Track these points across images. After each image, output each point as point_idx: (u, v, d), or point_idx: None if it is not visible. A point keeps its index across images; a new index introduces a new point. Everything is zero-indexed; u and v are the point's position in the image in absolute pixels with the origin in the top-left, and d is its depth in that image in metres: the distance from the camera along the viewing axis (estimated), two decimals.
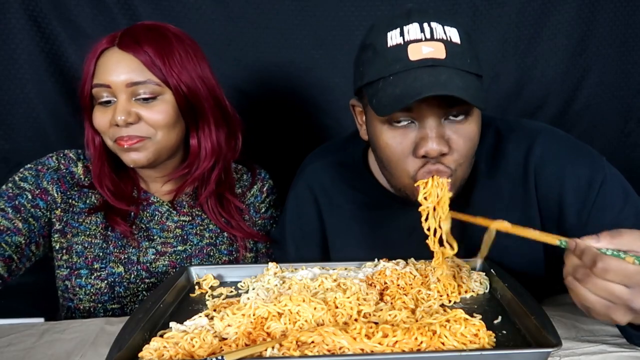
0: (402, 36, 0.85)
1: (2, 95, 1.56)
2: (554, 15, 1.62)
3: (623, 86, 1.68)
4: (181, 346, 0.72)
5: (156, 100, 1.07)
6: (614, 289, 0.63)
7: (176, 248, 1.18)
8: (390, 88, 0.85)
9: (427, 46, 0.84)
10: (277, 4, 1.59)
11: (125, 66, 1.05)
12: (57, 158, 1.16)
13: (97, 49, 1.08)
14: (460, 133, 0.89)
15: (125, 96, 1.05)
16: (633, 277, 0.63)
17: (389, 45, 0.86)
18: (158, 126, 1.07)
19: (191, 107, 1.11)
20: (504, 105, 1.66)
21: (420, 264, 0.99)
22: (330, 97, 1.65)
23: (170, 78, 1.07)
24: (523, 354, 0.68)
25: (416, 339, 0.70)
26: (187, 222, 1.20)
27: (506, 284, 0.88)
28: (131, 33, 1.08)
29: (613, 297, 0.64)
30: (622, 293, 0.63)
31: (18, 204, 1.08)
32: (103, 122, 1.08)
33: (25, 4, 1.52)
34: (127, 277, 1.13)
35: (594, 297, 0.65)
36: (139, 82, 1.05)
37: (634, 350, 0.79)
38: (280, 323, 0.77)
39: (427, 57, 0.83)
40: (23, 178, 1.12)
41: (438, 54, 0.84)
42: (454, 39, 0.86)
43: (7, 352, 0.86)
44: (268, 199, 1.32)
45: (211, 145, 1.15)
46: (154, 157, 1.09)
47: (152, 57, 1.05)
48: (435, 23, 0.86)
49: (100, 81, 1.06)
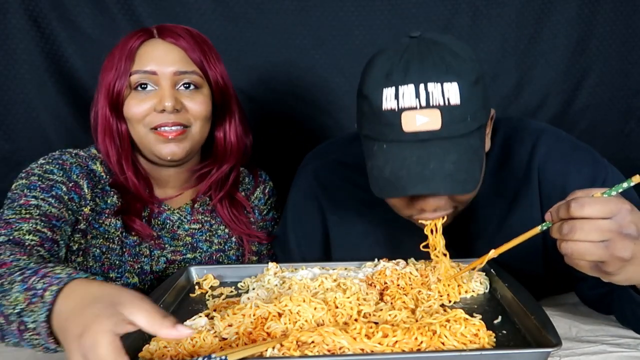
0: (397, 100, 0.82)
1: (2, 95, 1.56)
2: (554, 15, 1.62)
3: (623, 86, 1.68)
4: (181, 346, 0.72)
5: (198, 92, 1.10)
6: (600, 224, 0.64)
7: (185, 256, 1.18)
8: (380, 163, 0.86)
9: (422, 115, 0.81)
10: (277, 4, 1.59)
11: (173, 55, 1.07)
12: (71, 155, 1.10)
13: (130, 42, 1.07)
14: (459, 197, 0.91)
15: (169, 84, 1.06)
16: (609, 206, 0.64)
17: (384, 108, 0.84)
18: (198, 116, 1.09)
19: (222, 102, 1.15)
20: (504, 105, 1.66)
21: (420, 264, 0.99)
22: (330, 97, 1.65)
23: (211, 71, 1.11)
24: (523, 354, 0.68)
25: (416, 339, 0.70)
26: (196, 229, 1.20)
27: (506, 284, 0.88)
28: (168, 29, 1.10)
29: (605, 233, 0.64)
30: (609, 225, 0.64)
31: (56, 194, 1.01)
32: (141, 109, 1.06)
33: (25, 4, 1.52)
34: (142, 287, 1.12)
35: (589, 245, 0.65)
36: (185, 71, 1.08)
37: (634, 350, 0.79)
38: (281, 323, 0.77)
39: (421, 130, 0.82)
40: (48, 171, 1.04)
41: (433, 125, 0.82)
42: (453, 100, 0.82)
43: (7, 352, 0.86)
44: (270, 201, 1.32)
45: (236, 140, 1.18)
46: (190, 150, 1.11)
47: (198, 53, 1.09)
48: (433, 84, 0.82)
49: (145, 68, 1.06)
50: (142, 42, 1.08)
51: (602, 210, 0.64)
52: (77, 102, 1.60)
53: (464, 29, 1.63)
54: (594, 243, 0.65)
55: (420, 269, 0.97)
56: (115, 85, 1.06)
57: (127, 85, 1.06)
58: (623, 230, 0.64)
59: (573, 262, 0.69)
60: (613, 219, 0.64)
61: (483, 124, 0.88)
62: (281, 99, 1.66)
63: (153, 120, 1.06)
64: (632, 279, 0.70)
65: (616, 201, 0.66)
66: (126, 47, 1.07)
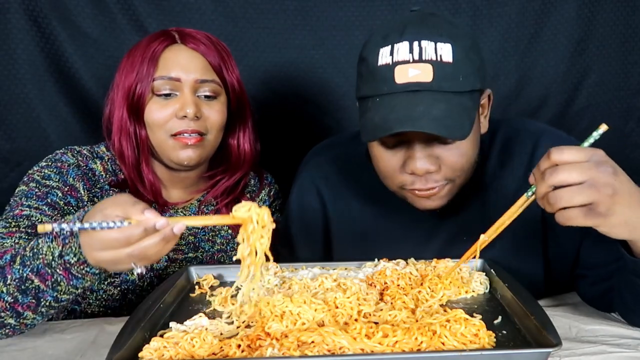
0: (392, 55, 0.86)
1: (2, 95, 1.56)
2: (554, 15, 1.62)
3: (623, 86, 1.68)
4: (181, 346, 0.72)
5: (216, 100, 1.11)
6: (580, 165, 0.68)
7: (187, 255, 1.18)
8: (372, 113, 0.88)
9: (414, 68, 0.84)
10: (277, 4, 1.59)
11: (196, 64, 1.08)
12: (73, 154, 1.11)
13: (153, 46, 1.07)
14: (451, 152, 0.91)
15: (190, 91, 1.07)
16: (584, 151, 0.69)
17: (379, 64, 0.87)
18: (215, 125, 1.11)
19: (238, 108, 1.16)
20: (504, 105, 1.66)
21: (420, 264, 0.99)
22: (330, 97, 1.65)
23: (228, 78, 1.12)
24: (523, 354, 0.68)
25: (416, 339, 0.70)
26: (199, 229, 1.20)
27: (506, 284, 0.88)
28: (190, 34, 1.11)
29: (585, 172, 0.67)
30: (588, 165, 0.68)
31: (51, 201, 1.03)
32: (163, 115, 1.07)
33: (25, 4, 1.52)
34: (141, 284, 1.13)
35: (575, 189, 0.68)
36: (206, 80, 1.09)
37: (634, 350, 0.79)
38: (282, 324, 0.77)
39: (412, 82, 0.84)
40: (46, 176, 1.06)
41: (424, 77, 0.84)
42: (446, 57, 0.85)
43: (7, 352, 0.86)
44: (274, 203, 1.33)
45: (250, 149, 1.20)
46: (204, 157, 1.12)
47: (217, 60, 1.10)
48: (427, 41, 0.85)
49: (170, 74, 1.06)
50: (166, 46, 1.08)
51: (579, 155, 0.69)
52: (77, 102, 1.60)
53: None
54: (579, 186, 0.67)
55: (420, 269, 0.97)
56: (137, 89, 1.07)
57: (149, 90, 1.07)
58: (601, 167, 0.68)
59: (565, 216, 0.70)
60: (590, 160, 0.68)
61: (476, 90, 0.90)
62: (281, 99, 1.66)
63: (174, 126, 1.07)
64: (628, 222, 0.71)
65: (590, 148, 0.70)
66: (149, 50, 1.07)
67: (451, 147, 0.90)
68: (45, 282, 0.81)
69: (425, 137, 0.88)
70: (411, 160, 0.90)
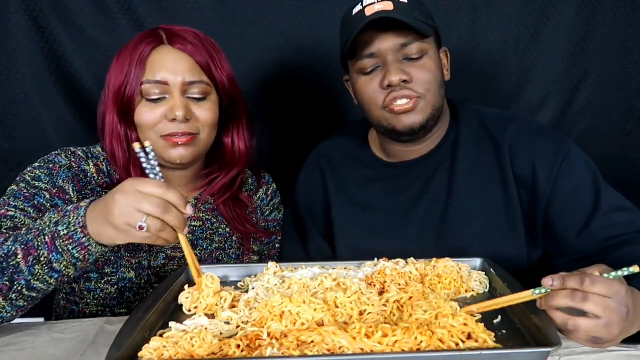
0: (362, 3, 1.09)
1: (2, 95, 1.56)
2: (554, 15, 1.62)
3: (623, 86, 1.68)
4: (181, 346, 0.72)
5: (206, 100, 1.11)
6: (606, 302, 0.71)
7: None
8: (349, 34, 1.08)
9: (379, 5, 1.07)
10: (278, 4, 1.60)
11: (183, 65, 1.08)
12: (67, 155, 1.12)
13: (141, 48, 1.07)
14: (418, 67, 1.09)
15: (179, 93, 1.07)
16: (613, 286, 0.72)
17: (353, 13, 1.10)
18: (206, 124, 1.11)
19: (230, 108, 1.16)
20: (504, 105, 1.66)
21: (420, 263, 0.99)
22: (330, 97, 1.65)
23: (218, 75, 1.12)
24: (523, 354, 0.68)
25: (416, 339, 0.70)
26: (197, 227, 1.20)
27: (506, 283, 0.88)
28: (177, 34, 1.10)
29: (607, 311, 0.71)
30: (612, 304, 0.71)
31: (37, 203, 1.04)
32: (153, 118, 1.07)
33: (25, 4, 1.52)
34: (138, 282, 1.13)
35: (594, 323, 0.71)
36: (194, 81, 1.08)
37: (634, 349, 0.79)
38: (281, 324, 0.77)
39: (378, 11, 1.06)
40: (36, 177, 1.07)
41: (387, 7, 1.06)
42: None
43: (7, 352, 0.86)
44: (272, 202, 1.33)
45: (244, 146, 1.20)
46: (197, 155, 1.12)
47: (206, 58, 1.10)
48: None
49: (157, 78, 1.06)
50: (153, 48, 1.08)
51: (608, 290, 0.71)
52: (77, 102, 1.60)
53: (464, 29, 1.63)
54: (596, 323, 0.71)
55: (420, 268, 0.97)
56: (126, 92, 1.07)
57: (138, 93, 1.07)
58: (620, 310, 0.72)
59: (572, 337, 0.73)
60: (614, 298, 0.71)
61: (430, 33, 1.09)
62: (281, 99, 1.67)
63: (164, 128, 1.07)
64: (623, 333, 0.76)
65: (618, 283, 0.73)
66: (136, 52, 1.07)
67: (418, 64, 1.09)
68: (27, 257, 0.85)
69: (396, 56, 1.07)
70: (388, 74, 1.07)
